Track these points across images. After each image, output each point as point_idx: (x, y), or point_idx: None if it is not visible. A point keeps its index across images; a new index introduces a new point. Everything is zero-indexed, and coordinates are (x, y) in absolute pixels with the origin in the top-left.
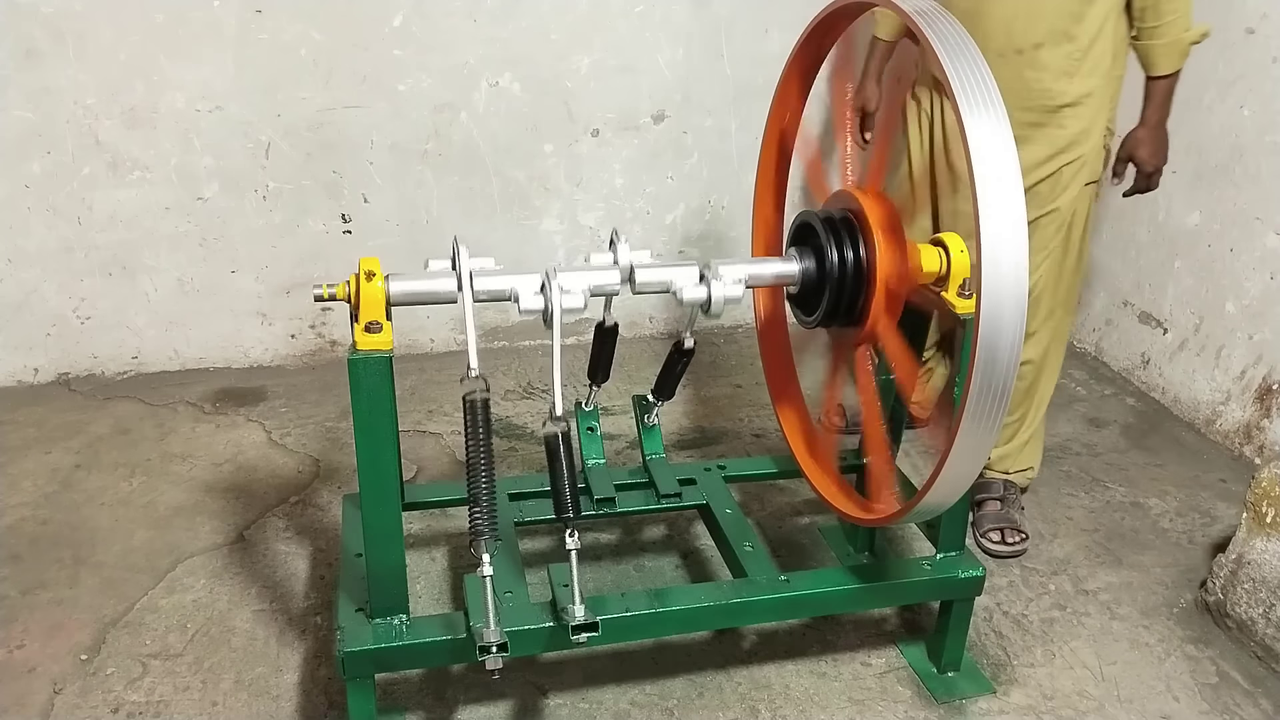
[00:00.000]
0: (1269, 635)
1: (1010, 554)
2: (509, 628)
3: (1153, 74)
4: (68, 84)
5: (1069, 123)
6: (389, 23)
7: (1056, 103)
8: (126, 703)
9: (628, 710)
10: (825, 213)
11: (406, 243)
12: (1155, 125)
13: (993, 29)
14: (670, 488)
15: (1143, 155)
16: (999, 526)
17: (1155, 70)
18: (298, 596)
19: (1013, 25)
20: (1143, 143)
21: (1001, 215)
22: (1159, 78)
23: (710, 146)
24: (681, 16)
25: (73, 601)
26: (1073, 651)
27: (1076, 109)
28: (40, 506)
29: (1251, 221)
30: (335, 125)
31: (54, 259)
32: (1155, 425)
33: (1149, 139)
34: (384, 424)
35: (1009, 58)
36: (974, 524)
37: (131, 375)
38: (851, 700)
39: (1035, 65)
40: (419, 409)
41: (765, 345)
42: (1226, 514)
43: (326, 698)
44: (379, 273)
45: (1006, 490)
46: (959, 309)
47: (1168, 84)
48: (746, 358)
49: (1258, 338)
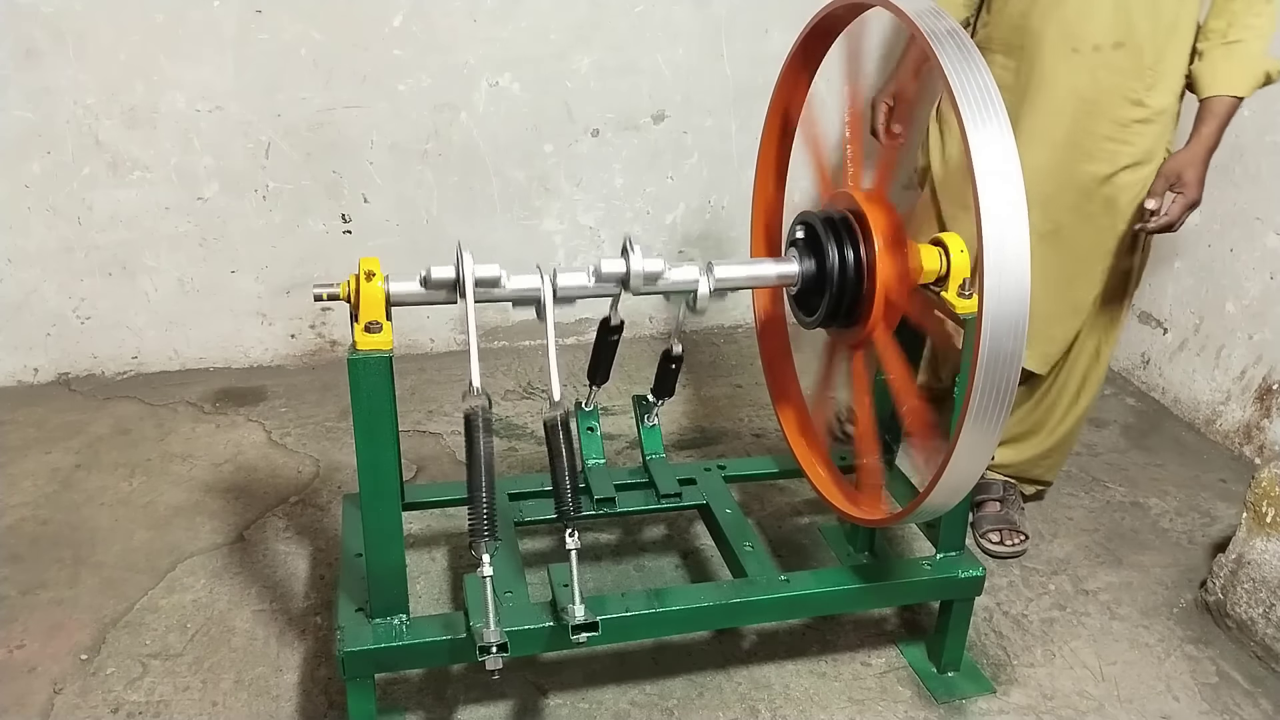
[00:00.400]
0: (1269, 635)
1: (1009, 555)
2: (509, 628)
3: (1219, 92)
4: (68, 84)
5: (1136, 139)
6: (389, 23)
7: (1131, 116)
8: (126, 703)
9: (628, 710)
10: (825, 213)
11: (406, 243)
12: (1209, 148)
13: (1072, 13)
14: (670, 488)
15: (1190, 177)
16: (998, 527)
17: (1226, 89)
18: (298, 596)
19: (1093, 14)
20: (1192, 164)
21: (1001, 214)
22: (1223, 98)
23: (710, 146)
24: (681, 16)
25: (73, 601)
26: (1073, 651)
27: (1148, 127)
28: (40, 506)
29: (1251, 221)
30: (335, 125)
31: (54, 259)
32: (1155, 425)
33: (1200, 161)
34: (384, 424)
35: (1084, 54)
36: (973, 524)
37: (131, 375)
38: (851, 700)
39: (1111, 67)
40: (419, 409)
41: (765, 345)
42: (1226, 514)
43: (326, 698)
44: (379, 273)
45: (1006, 491)
46: (959, 309)
47: (1232, 105)
48: (746, 358)
49: (1258, 338)
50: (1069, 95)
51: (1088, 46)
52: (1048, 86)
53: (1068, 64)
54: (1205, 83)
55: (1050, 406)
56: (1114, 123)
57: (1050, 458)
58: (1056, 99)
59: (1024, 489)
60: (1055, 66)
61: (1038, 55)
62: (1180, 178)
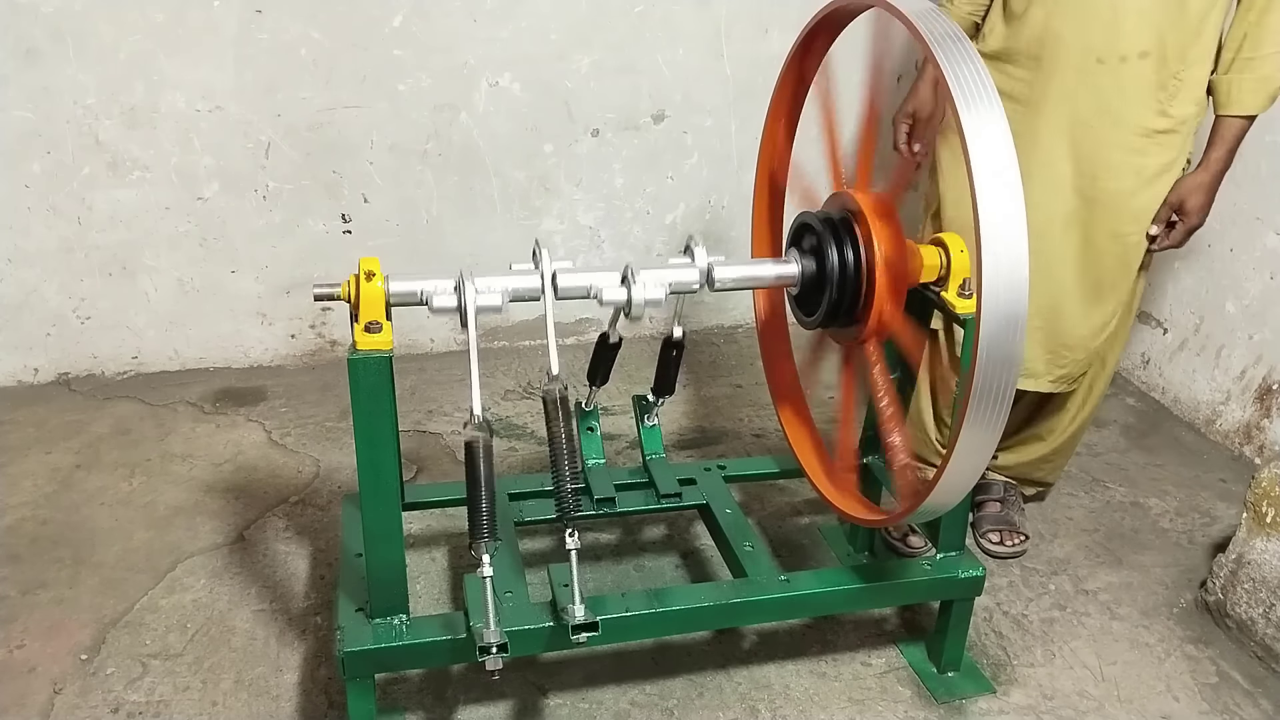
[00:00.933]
0: (1269, 635)
1: (1009, 555)
2: (509, 628)
3: (1231, 112)
4: (68, 84)
5: (1159, 151)
6: (389, 23)
7: (1155, 126)
8: (126, 703)
9: (628, 710)
10: (824, 214)
11: (406, 243)
12: (1217, 173)
13: (1098, 23)
14: (670, 488)
15: (1193, 205)
16: (999, 528)
17: (1238, 108)
18: (298, 596)
19: (1120, 24)
20: (1197, 191)
21: (1001, 212)
22: (1236, 118)
23: (710, 146)
24: (681, 16)
25: (73, 601)
26: (1073, 651)
27: (1171, 137)
28: (40, 506)
29: (1251, 221)
30: (335, 125)
31: (54, 259)
32: (1155, 425)
33: (1206, 189)
34: (384, 424)
35: (1110, 64)
36: (973, 524)
37: (131, 375)
38: (851, 700)
39: (1136, 77)
40: (419, 409)
41: (765, 345)
42: (1226, 514)
43: (326, 698)
44: (379, 273)
45: (1007, 492)
46: (959, 309)
47: (1243, 127)
48: (746, 358)
49: (1258, 338)
50: (1092, 108)
51: (1114, 58)
52: (1069, 100)
53: (1091, 76)
54: (1221, 100)
55: (1055, 412)
56: (1138, 134)
57: (1053, 460)
58: (1079, 112)
59: (1025, 490)
60: (1078, 79)
61: (1057, 67)
62: (1184, 205)
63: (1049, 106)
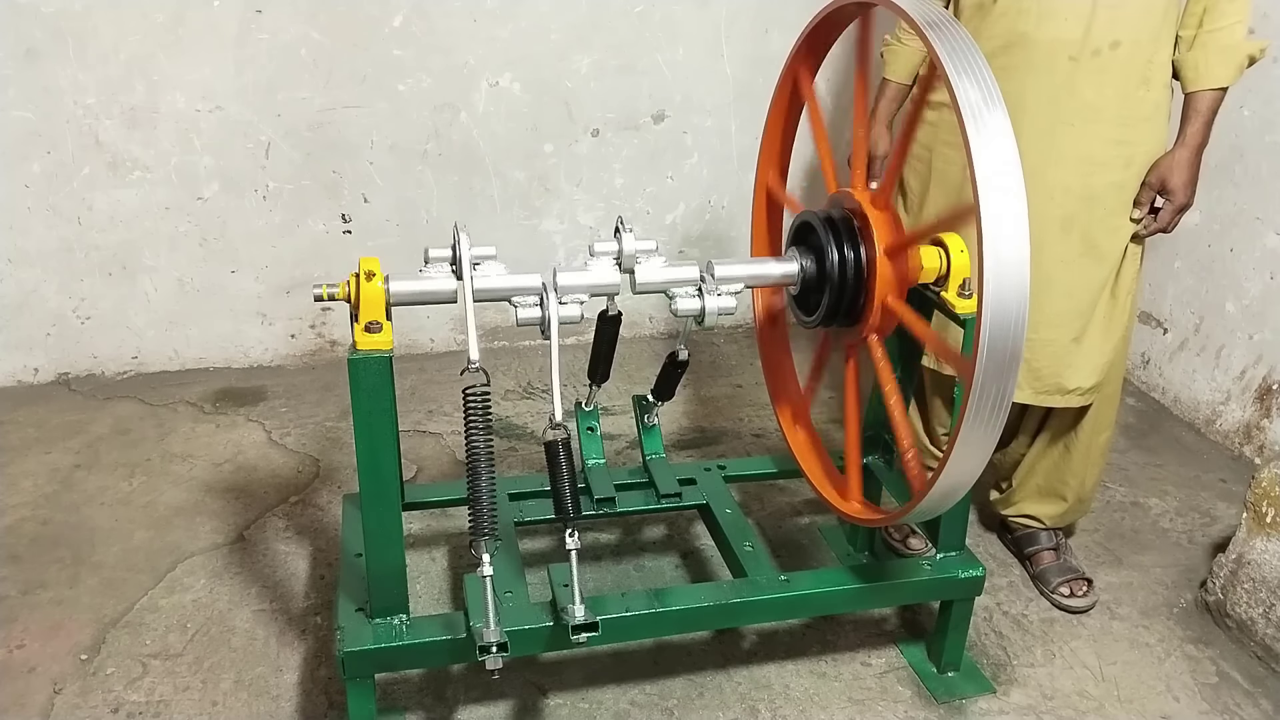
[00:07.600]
0: (1269, 635)
1: (1088, 607)
2: (509, 628)
3: (1203, 87)
4: (68, 84)
5: (1141, 139)
6: (389, 23)
7: (1134, 114)
8: (126, 703)
9: (628, 710)
10: (825, 213)
11: (406, 243)
12: (1195, 147)
13: (1066, 19)
14: (670, 488)
15: (1176, 182)
16: (1066, 579)
17: (1209, 82)
18: (298, 596)
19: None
20: (1178, 168)
21: (1002, 211)
22: (1208, 91)
23: (710, 146)
24: (681, 16)
25: (73, 601)
26: (1073, 651)
27: (1151, 123)
28: (40, 506)
29: (1251, 221)
30: (335, 125)
31: (54, 259)
32: (1155, 425)
33: (1187, 165)
34: (384, 424)
35: (1084, 61)
36: (1036, 578)
37: (131, 375)
38: (851, 700)
39: (1111, 69)
40: (419, 409)
41: (764, 345)
42: (1226, 514)
43: (326, 698)
44: (379, 273)
45: (1056, 539)
46: (959, 309)
47: (1217, 98)
48: (746, 358)
49: (1258, 338)
50: (1072, 106)
51: (1086, 53)
52: (1047, 101)
53: (1067, 74)
54: (1189, 76)
55: (1083, 454)
56: (1120, 124)
57: (1084, 503)
58: (1061, 113)
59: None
60: (1053, 79)
61: (1031, 70)
62: (1166, 184)
63: (1027, 114)
